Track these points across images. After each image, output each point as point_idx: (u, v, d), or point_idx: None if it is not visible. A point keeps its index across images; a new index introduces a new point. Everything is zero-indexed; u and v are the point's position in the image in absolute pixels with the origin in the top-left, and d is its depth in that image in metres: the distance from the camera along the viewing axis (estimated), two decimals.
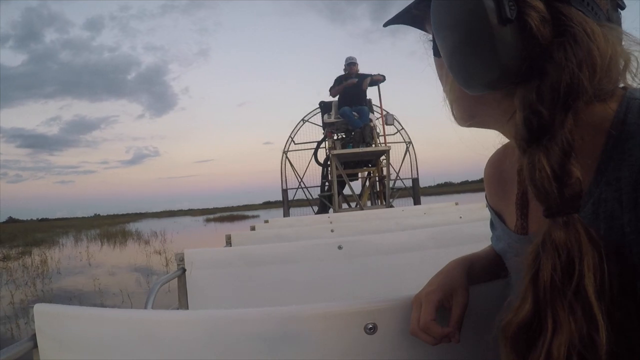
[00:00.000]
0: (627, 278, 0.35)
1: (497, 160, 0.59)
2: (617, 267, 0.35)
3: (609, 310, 0.34)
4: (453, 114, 0.51)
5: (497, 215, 0.58)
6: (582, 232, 0.35)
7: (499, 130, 0.51)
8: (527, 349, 0.37)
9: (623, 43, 0.40)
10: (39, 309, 0.71)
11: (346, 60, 6.33)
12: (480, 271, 0.62)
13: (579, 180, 0.36)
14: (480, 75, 0.40)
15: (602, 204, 0.38)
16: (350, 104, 6.16)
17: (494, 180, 0.59)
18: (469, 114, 0.49)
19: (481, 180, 0.63)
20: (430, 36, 0.49)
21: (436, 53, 0.48)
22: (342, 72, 6.42)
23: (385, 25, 0.56)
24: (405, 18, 0.53)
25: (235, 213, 48.05)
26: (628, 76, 0.40)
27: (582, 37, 0.37)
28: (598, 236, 0.35)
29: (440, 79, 0.52)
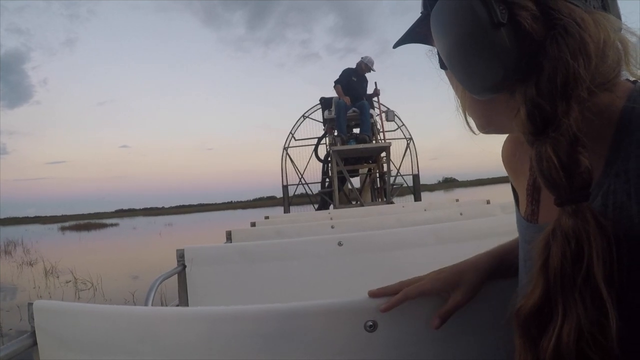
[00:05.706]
0: (636, 267, 0.35)
1: (511, 146, 0.58)
2: (628, 255, 0.35)
3: (619, 298, 0.34)
4: (468, 123, 0.52)
5: (514, 195, 0.57)
6: (591, 220, 0.36)
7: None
8: (538, 334, 0.38)
9: (622, 32, 0.41)
10: (39, 305, 0.71)
11: (363, 58, 6.41)
12: (515, 262, 0.58)
13: (588, 169, 0.36)
14: (484, 79, 0.42)
15: (611, 196, 0.39)
16: (350, 99, 6.17)
17: (510, 162, 0.58)
18: (485, 119, 0.50)
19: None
20: (436, 50, 0.50)
21: (442, 66, 0.50)
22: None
23: (395, 46, 0.58)
24: (411, 37, 0.55)
25: (93, 221, 44.78)
26: (631, 64, 0.40)
27: (572, 27, 0.37)
28: (607, 224, 0.36)
29: (454, 89, 0.53)
